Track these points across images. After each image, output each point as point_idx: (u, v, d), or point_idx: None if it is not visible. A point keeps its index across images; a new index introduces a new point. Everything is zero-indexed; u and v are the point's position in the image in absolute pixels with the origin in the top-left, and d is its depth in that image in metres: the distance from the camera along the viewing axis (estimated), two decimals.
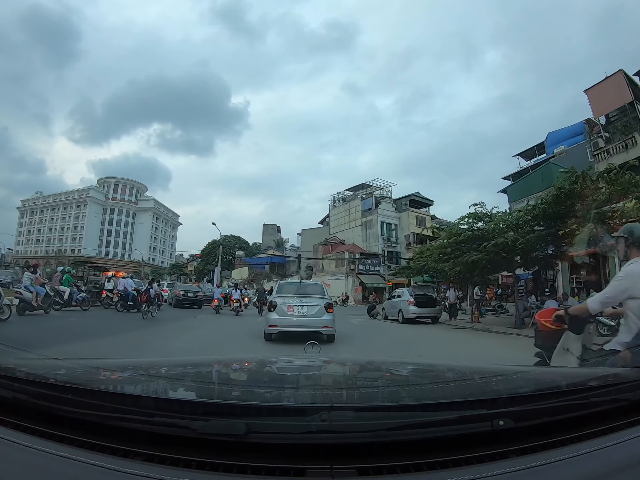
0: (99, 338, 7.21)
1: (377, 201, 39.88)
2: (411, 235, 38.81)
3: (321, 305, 7.84)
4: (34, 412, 0.77)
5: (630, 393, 0.86)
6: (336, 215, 44.49)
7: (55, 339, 6.63)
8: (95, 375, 1.18)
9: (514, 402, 0.81)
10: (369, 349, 8.03)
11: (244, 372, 1.59)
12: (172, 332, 9.84)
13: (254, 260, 46.23)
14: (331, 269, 37.25)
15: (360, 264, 35.21)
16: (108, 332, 8.50)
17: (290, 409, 0.82)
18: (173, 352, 6.45)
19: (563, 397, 0.83)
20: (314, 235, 44.53)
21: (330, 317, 7.77)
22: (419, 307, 14.79)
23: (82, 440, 0.70)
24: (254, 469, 0.65)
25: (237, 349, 7.58)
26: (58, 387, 0.84)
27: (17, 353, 1.94)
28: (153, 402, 0.79)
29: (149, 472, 0.62)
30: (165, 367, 1.50)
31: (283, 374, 1.58)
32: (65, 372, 1.17)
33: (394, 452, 0.69)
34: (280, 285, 9.48)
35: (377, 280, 35.32)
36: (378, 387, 1.31)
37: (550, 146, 27.42)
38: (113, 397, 0.83)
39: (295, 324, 7.50)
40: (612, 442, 0.72)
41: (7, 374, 0.88)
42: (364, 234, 39.86)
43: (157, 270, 67.02)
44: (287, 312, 7.70)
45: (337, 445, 0.69)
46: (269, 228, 58.59)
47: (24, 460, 0.67)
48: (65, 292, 12.44)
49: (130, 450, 0.68)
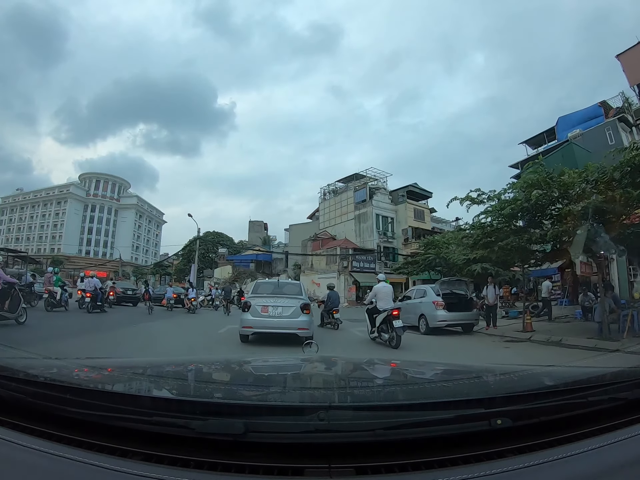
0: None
1: (372, 192, 36.38)
2: (409, 230, 35.42)
3: (297, 305, 7.48)
4: (34, 412, 0.77)
5: (627, 392, 0.86)
6: (326, 208, 40.84)
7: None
8: (94, 375, 1.21)
9: (511, 401, 0.81)
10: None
11: (242, 372, 1.58)
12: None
13: (238, 258, 42.53)
14: (321, 266, 33.54)
15: (354, 260, 31.52)
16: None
17: (288, 409, 0.82)
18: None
19: (561, 396, 0.83)
20: (303, 230, 40.73)
21: (306, 318, 7.43)
22: (450, 312, 10.51)
23: (80, 440, 0.70)
24: (252, 468, 0.65)
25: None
26: (57, 387, 0.84)
27: (17, 353, 2.12)
28: (151, 402, 0.80)
29: (148, 471, 0.63)
30: (164, 367, 1.51)
31: (281, 374, 1.59)
32: (65, 372, 1.20)
33: (391, 451, 0.69)
34: (256, 284, 9.07)
35: (372, 278, 31.78)
36: (376, 387, 1.31)
37: (561, 131, 25.61)
38: (112, 397, 0.84)
39: (270, 325, 7.30)
40: (609, 441, 0.72)
41: (7, 374, 0.88)
42: (357, 229, 36.27)
43: (139, 269, 64.30)
44: (261, 313, 7.39)
45: (335, 444, 0.70)
46: (255, 225, 55.15)
47: (23, 460, 0.67)
48: (57, 293, 12.71)
49: (129, 450, 0.68)
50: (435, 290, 11.18)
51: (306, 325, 7.32)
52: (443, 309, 10.52)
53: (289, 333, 7.07)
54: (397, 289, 35.73)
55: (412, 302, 11.64)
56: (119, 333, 8.93)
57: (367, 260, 32.13)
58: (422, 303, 11.19)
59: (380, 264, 33.19)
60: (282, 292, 8.09)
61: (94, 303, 13.23)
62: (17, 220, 76.54)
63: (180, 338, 8.86)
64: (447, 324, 10.57)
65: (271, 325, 7.27)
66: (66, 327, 9.29)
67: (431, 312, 10.63)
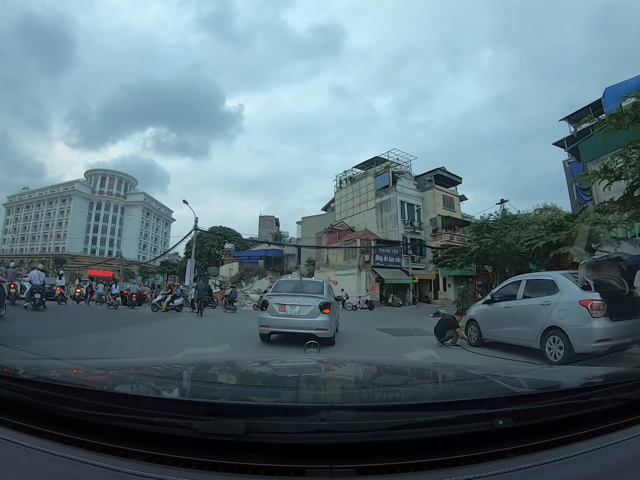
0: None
1: (395, 178, 31.96)
2: (438, 219, 30.88)
3: (315, 305, 7.09)
4: (34, 412, 0.77)
5: (630, 392, 0.85)
6: (343, 197, 36.53)
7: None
8: (95, 376, 1.19)
9: (513, 402, 0.81)
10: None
11: (244, 372, 1.56)
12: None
13: (246, 254, 38.30)
14: (338, 262, 29.22)
15: (377, 253, 27.12)
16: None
17: (290, 409, 0.81)
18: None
19: (562, 397, 0.83)
20: (316, 223, 36.42)
21: (325, 318, 7.03)
22: (615, 321, 5.56)
23: (82, 440, 0.70)
24: (253, 468, 0.65)
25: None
26: (58, 387, 0.83)
27: (17, 353, 2.05)
28: (153, 402, 0.80)
29: (149, 472, 0.63)
30: (165, 367, 1.51)
31: (283, 374, 1.58)
32: (66, 372, 1.19)
33: (393, 452, 0.69)
34: (278, 282, 8.77)
35: (398, 275, 27.41)
36: (377, 387, 1.30)
37: (610, 103, 21.65)
38: (113, 397, 0.83)
39: (287, 324, 7.09)
40: (611, 441, 0.72)
41: (7, 374, 0.89)
42: (378, 218, 31.89)
43: (145, 268, 61.63)
44: (278, 312, 7.20)
45: (336, 444, 0.70)
46: (265, 220, 51.08)
47: (24, 460, 0.67)
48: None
49: (130, 450, 0.68)
50: (582, 279, 5.95)
51: (325, 325, 6.98)
52: (604, 315, 5.51)
53: (306, 334, 6.33)
54: (426, 287, 31.31)
55: (522, 305, 6.71)
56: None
57: (391, 254, 27.68)
58: (550, 305, 6.09)
59: (407, 258, 28.81)
60: (303, 290, 7.64)
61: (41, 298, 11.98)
62: (22, 219, 75.07)
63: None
64: (613, 345, 5.38)
65: (288, 324, 7.05)
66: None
67: (579, 323, 5.63)
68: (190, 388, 1.18)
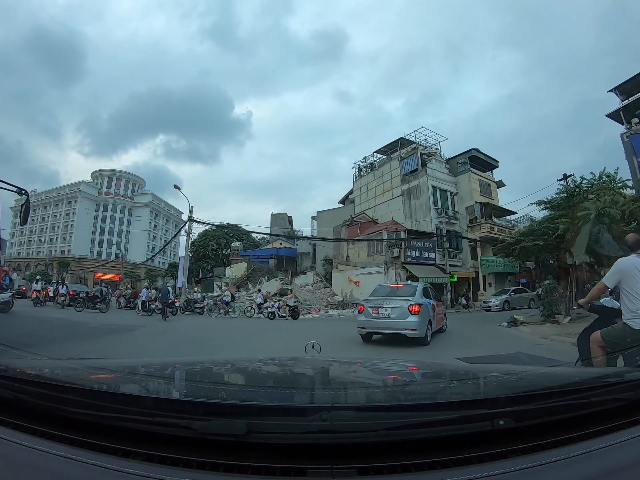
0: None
1: (424, 160, 27.68)
2: (476, 207, 26.49)
3: (405, 307, 7.59)
4: (34, 412, 0.78)
5: (631, 392, 0.85)
6: (363, 187, 32.39)
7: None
8: (95, 375, 1.20)
9: (514, 402, 0.80)
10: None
11: (245, 372, 1.56)
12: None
13: (255, 253, 34.46)
14: (360, 259, 25.00)
15: (408, 247, 22.82)
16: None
17: (290, 409, 0.81)
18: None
19: (563, 397, 0.82)
20: (333, 217, 32.29)
21: (414, 319, 7.44)
22: None
23: (82, 440, 0.71)
24: (254, 468, 0.65)
25: None
26: (58, 387, 0.83)
27: (17, 353, 2.01)
28: (154, 402, 0.80)
29: (150, 472, 0.63)
30: (166, 368, 1.51)
31: (284, 374, 1.57)
32: (67, 372, 1.19)
33: (394, 452, 0.69)
34: (376, 288, 9.42)
35: (432, 272, 23.04)
36: (378, 387, 1.30)
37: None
38: (113, 397, 0.83)
39: (379, 325, 7.82)
40: (612, 441, 0.72)
41: (7, 374, 0.89)
42: (406, 208, 27.64)
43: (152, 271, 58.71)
44: (372, 314, 7.88)
45: (337, 445, 0.70)
46: (278, 218, 47.31)
47: (25, 460, 0.67)
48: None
49: (131, 450, 0.68)
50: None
51: (414, 326, 7.37)
52: None
53: (397, 334, 7.48)
54: (465, 286, 26.90)
55: None
56: None
57: (425, 248, 23.35)
58: None
59: (441, 253, 24.50)
60: (396, 294, 8.32)
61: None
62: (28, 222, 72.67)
63: None
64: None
65: (381, 325, 7.78)
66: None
67: None
68: (190, 388, 1.17)
